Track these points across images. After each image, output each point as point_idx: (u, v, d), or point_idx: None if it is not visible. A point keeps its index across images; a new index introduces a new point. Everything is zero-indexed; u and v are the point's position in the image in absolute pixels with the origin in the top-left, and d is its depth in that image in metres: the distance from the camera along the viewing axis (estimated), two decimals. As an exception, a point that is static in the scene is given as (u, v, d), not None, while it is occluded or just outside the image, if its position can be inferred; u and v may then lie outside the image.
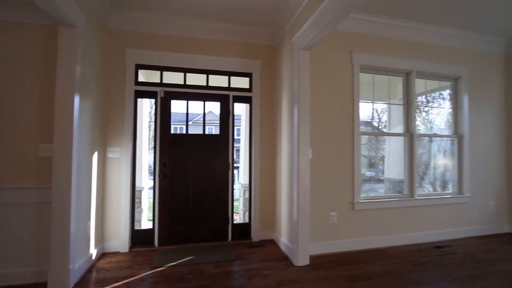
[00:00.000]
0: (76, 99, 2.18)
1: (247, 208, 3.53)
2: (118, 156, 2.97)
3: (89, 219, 2.54)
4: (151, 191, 3.22)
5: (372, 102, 3.37)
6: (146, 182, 4.74)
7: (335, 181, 3.01)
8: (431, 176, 4.00)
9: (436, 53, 3.45)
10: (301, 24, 2.50)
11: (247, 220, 3.51)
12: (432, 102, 4.04)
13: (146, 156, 4.83)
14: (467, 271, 2.49)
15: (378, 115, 4.65)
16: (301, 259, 2.61)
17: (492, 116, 3.72)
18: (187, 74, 3.25)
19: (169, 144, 3.16)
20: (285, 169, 2.97)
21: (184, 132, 3.29)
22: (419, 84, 3.55)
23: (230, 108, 3.33)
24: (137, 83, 3.08)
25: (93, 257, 2.64)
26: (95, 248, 2.69)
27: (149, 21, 3.02)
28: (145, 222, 4.60)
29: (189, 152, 3.23)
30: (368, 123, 4.36)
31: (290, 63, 2.82)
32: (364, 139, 4.17)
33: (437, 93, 3.91)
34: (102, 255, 2.83)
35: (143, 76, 3.56)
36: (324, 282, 2.28)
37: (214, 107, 3.51)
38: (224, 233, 3.31)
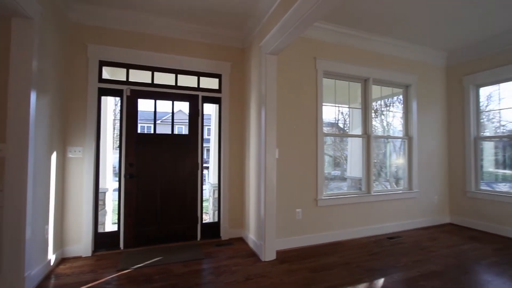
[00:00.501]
0: (33, 96, 2.06)
1: (217, 208, 3.58)
2: (80, 156, 2.83)
3: (47, 223, 2.41)
4: (117, 192, 3.12)
5: (335, 106, 3.62)
6: (110, 183, 4.54)
7: (300, 179, 3.19)
8: (388, 174, 4.40)
9: (390, 63, 3.81)
10: (269, 30, 2.62)
11: (216, 220, 3.56)
12: (389, 106, 4.44)
13: (111, 156, 4.63)
14: (412, 258, 2.81)
15: (344, 117, 4.99)
16: (268, 254, 2.74)
17: (436, 120, 4.20)
18: (155, 73, 3.21)
19: (136, 144, 3.10)
20: (253, 168, 3.07)
21: (152, 131, 3.25)
22: (376, 90, 3.89)
23: (199, 108, 3.35)
24: (101, 80, 2.97)
25: (52, 263, 2.50)
26: (53, 253, 2.55)
27: (114, 16, 2.93)
28: (110, 224, 4.42)
29: (157, 151, 3.19)
30: (334, 125, 4.66)
31: (258, 66, 2.93)
32: (329, 140, 4.46)
33: (395, 98, 4.31)
34: (62, 261, 2.69)
35: (107, 73, 3.43)
36: (289, 274, 2.43)
37: (184, 106, 3.51)
38: (193, 233, 3.32)
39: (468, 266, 2.61)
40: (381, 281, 2.30)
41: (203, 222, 3.43)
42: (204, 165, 3.61)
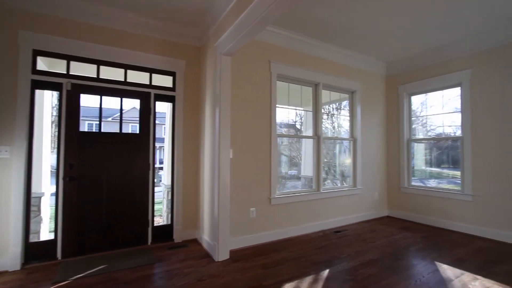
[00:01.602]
0: None
1: (171, 210, 3.46)
2: (7, 157, 2.50)
3: (-39, 234, 2.07)
4: (55, 197, 2.82)
5: (288, 108, 3.77)
6: (48, 187, 4.06)
7: (254, 179, 3.26)
8: (337, 173, 4.74)
9: (338, 70, 4.12)
10: (225, 29, 2.63)
11: (170, 222, 3.44)
12: (340, 110, 4.79)
13: (49, 157, 4.14)
14: (355, 249, 3.08)
15: (301, 119, 5.22)
16: (222, 254, 2.74)
17: (377, 124, 4.66)
18: (102, 67, 2.98)
19: (78, 143, 2.84)
20: (208, 168, 3.05)
21: (98, 129, 3.01)
22: (326, 94, 4.17)
23: (151, 106, 3.21)
24: (35, 71, 2.66)
25: (-32, 281, 2.16)
26: (-30, 269, 2.20)
27: (55, 2, 2.65)
28: (47, 233, 3.96)
29: (103, 152, 2.97)
30: (292, 126, 4.85)
31: (213, 66, 2.92)
32: (286, 140, 4.63)
33: (344, 102, 4.66)
34: (-19, 277, 2.34)
35: (45, 64, 3.08)
36: (242, 272, 2.47)
37: (138, 104, 3.32)
38: (143, 237, 3.17)
39: (400, 253, 2.96)
40: (325, 272, 2.48)
41: (155, 225, 3.29)
42: (159, 165, 3.46)
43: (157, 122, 3.43)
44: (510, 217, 3.27)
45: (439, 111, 4.24)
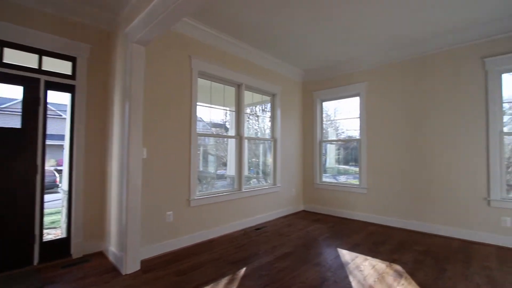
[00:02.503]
0: None
1: (67, 220, 2.91)
2: None
3: None
4: None
5: (210, 107, 3.69)
6: None
7: (172, 180, 3.05)
8: (261, 171, 4.90)
9: (261, 72, 4.28)
10: (136, 15, 2.36)
11: (66, 235, 2.89)
12: (263, 111, 4.97)
13: None
14: (272, 244, 3.23)
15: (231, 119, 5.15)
16: (131, 266, 2.45)
17: (295, 126, 5.05)
18: (-39, 40, 2.27)
19: None
20: (116, 170, 2.70)
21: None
22: (248, 95, 4.27)
23: (40, 95, 2.63)
24: None
25: None
26: None
27: None
28: None
29: (-39, 151, 2.26)
30: (222, 125, 4.74)
31: (123, 55, 2.60)
32: (212, 140, 4.50)
33: (263, 105, 4.86)
34: None
35: None
36: (153, 283, 2.26)
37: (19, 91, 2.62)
38: (28, 256, 2.56)
39: (310, 244, 3.25)
40: (242, 270, 2.51)
41: (45, 240, 2.71)
42: (58, 167, 2.86)
43: (54, 115, 2.84)
44: (391, 205, 4.02)
45: (346, 116, 4.89)
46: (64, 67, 2.83)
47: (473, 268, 2.55)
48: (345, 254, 2.90)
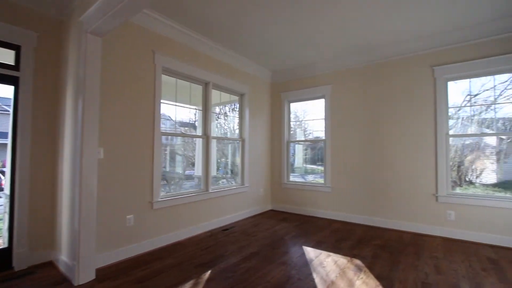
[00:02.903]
0: None
1: (9, 227, 2.59)
2: None
3: None
4: None
5: (176, 105, 3.55)
6: None
7: (132, 182, 2.88)
8: (229, 171, 4.85)
9: (229, 71, 4.23)
10: (91, 3, 2.17)
11: (7, 245, 2.57)
12: (232, 111, 4.91)
13: None
14: (239, 245, 3.21)
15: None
16: (84, 276, 2.26)
17: (263, 126, 5.09)
18: None
19: None
20: (68, 172, 2.46)
21: None
22: (216, 94, 4.19)
23: (-25, 87, 2.31)
24: None
25: None
26: None
27: None
28: None
29: None
30: (192, 125, 4.57)
31: (77, 46, 2.38)
32: (180, 139, 4.33)
33: (229, 105, 4.81)
34: None
35: None
36: (109, 293, 2.10)
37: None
38: (-44, 271, 2.23)
39: (276, 243, 3.29)
40: (208, 273, 2.45)
41: (-20, 252, 2.39)
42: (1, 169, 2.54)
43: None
44: (353, 203, 4.23)
45: (314, 117, 5.04)
46: (6, 56, 2.52)
47: (423, 258, 2.78)
48: (310, 252, 2.98)
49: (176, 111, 3.61)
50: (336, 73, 4.48)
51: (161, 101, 3.18)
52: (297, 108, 5.29)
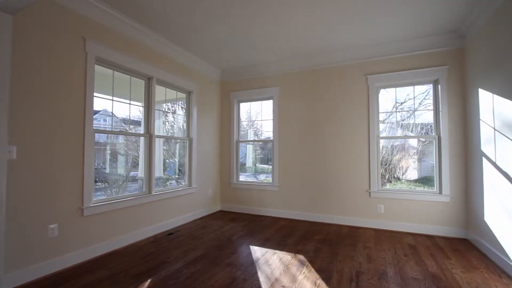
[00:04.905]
0: None
1: None
2: None
3: None
4: None
5: (112, 100, 3.20)
6: None
7: (57, 185, 2.50)
8: (176, 172, 4.60)
9: (175, 67, 4.02)
10: (-1, -24, 1.82)
11: None
12: (179, 109, 4.68)
13: None
14: (183, 249, 3.06)
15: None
16: (-12, 300, 1.87)
17: (212, 125, 4.98)
18: None
19: None
20: (-34, 176, 2.02)
21: None
22: (161, 91, 3.94)
23: None
24: None
25: None
26: None
27: None
28: None
29: None
30: (138, 123, 4.16)
31: (-20, 23, 1.97)
32: (122, 138, 3.92)
33: (180, 102, 4.59)
34: None
35: None
36: (21, 318, 1.78)
37: None
38: None
39: (223, 244, 3.23)
40: (147, 283, 2.26)
41: None
42: None
43: None
44: (297, 200, 4.43)
45: (263, 118, 5.11)
46: None
47: (357, 249, 3.05)
48: (257, 251, 3.01)
49: (117, 108, 3.27)
50: (283, 76, 4.63)
51: (96, 95, 2.84)
52: (250, 109, 5.31)
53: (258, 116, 5.32)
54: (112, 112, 3.32)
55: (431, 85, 3.78)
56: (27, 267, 2.28)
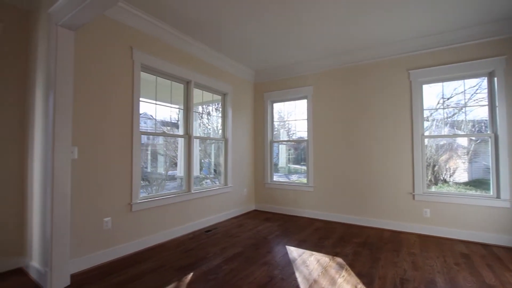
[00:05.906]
0: None
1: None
2: None
3: None
4: None
5: (155, 104, 3.43)
6: None
7: (110, 183, 2.75)
8: (213, 172, 4.77)
9: (211, 70, 4.17)
10: (62, -4, 2.06)
11: (-32, 252, 2.38)
12: (216, 111, 4.85)
13: None
14: (221, 246, 3.16)
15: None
16: (57, 283, 2.13)
17: (246, 126, 5.06)
18: None
19: None
20: (38, 172, 2.32)
21: None
22: (198, 94, 4.12)
23: None
24: None
25: None
26: None
27: None
28: None
29: None
30: (174, 124, 4.43)
31: (46, 39, 2.24)
32: (161, 139, 4.20)
33: (215, 104, 4.74)
34: None
35: None
36: (84, 300, 2.00)
37: None
38: None
39: (260, 243, 3.28)
40: (189, 276, 2.39)
41: None
42: None
43: None
44: (334, 202, 4.31)
45: (298, 118, 5.08)
46: (-33, 48, 2.32)
47: (401, 255, 2.88)
48: (293, 251, 3.00)
49: (157, 110, 3.50)
50: (317, 74, 4.55)
51: (141, 99, 3.07)
52: (281, 109, 5.31)
53: (290, 116, 5.28)
54: (155, 115, 3.56)
55: (485, 78, 3.43)
56: (85, 255, 2.54)
